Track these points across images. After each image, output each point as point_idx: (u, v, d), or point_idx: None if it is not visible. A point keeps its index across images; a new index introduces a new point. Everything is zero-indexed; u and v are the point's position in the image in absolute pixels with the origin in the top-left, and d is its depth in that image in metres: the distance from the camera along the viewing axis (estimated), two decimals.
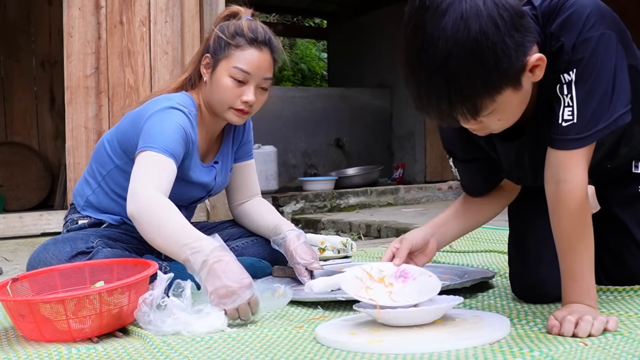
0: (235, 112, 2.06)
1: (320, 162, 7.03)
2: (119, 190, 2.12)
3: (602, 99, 1.37)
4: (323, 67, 11.40)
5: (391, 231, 3.83)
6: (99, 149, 2.19)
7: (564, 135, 1.39)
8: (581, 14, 1.37)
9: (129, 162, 2.01)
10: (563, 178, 1.41)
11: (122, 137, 2.09)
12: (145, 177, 1.82)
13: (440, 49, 1.25)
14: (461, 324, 1.46)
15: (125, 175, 2.04)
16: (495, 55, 1.26)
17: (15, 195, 5.86)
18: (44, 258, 1.88)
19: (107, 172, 2.14)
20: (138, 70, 3.78)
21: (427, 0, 1.27)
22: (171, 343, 1.42)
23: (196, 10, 3.93)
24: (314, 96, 7.16)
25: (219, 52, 2.05)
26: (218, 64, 2.05)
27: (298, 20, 11.06)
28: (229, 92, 2.03)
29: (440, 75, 1.27)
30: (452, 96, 1.29)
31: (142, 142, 1.92)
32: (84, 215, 2.17)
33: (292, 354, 1.35)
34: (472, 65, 1.26)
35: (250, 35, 2.04)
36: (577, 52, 1.37)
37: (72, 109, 3.67)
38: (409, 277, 1.55)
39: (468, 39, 1.25)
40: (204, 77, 2.09)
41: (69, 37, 3.66)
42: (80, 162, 3.67)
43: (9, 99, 5.99)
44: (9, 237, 3.65)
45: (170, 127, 1.93)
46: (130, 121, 2.08)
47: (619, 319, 1.44)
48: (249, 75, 2.03)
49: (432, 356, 1.27)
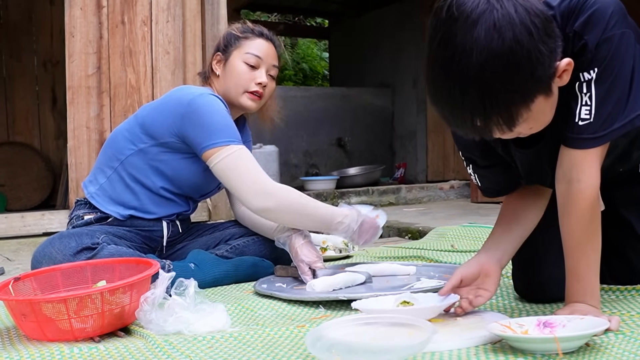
0: (249, 96, 2.21)
1: (322, 162, 7.03)
2: (137, 174, 2.15)
3: (620, 98, 1.36)
4: (324, 67, 11.40)
5: (393, 231, 3.83)
6: (115, 139, 2.22)
7: (579, 134, 1.38)
8: (604, 12, 1.36)
9: (155, 145, 2.12)
10: (576, 177, 1.40)
11: (148, 122, 2.13)
12: (252, 171, 2.01)
13: (474, 60, 1.21)
14: (462, 323, 1.46)
15: (145, 158, 2.13)
16: (530, 63, 1.23)
17: (17, 195, 5.86)
18: (49, 252, 1.88)
19: (126, 157, 2.16)
20: (140, 70, 3.78)
21: (455, 11, 1.23)
22: (173, 342, 1.42)
23: (198, 10, 3.93)
24: (316, 96, 7.16)
25: (230, 46, 2.24)
26: (230, 55, 2.23)
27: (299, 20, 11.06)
28: (244, 75, 2.20)
29: (476, 87, 1.23)
30: (488, 109, 1.25)
31: (207, 137, 2.02)
32: (90, 211, 2.16)
33: (293, 353, 1.35)
34: (508, 75, 1.22)
35: (257, 30, 2.26)
36: (600, 50, 1.35)
37: (74, 108, 3.67)
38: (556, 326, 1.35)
39: (503, 49, 1.21)
40: (217, 72, 2.26)
41: (70, 37, 3.66)
42: (82, 162, 3.67)
43: (11, 99, 5.99)
44: (11, 237, 3.65)
45: (224, 116, 2.07)
46: (156, 107, 2.16)
47: (621, 319, 1.44)
48: (261, 60, 2.22)
49: (433, 355, 1.27)
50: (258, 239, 2.31)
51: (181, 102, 2.08)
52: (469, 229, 3.09)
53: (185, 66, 3.85)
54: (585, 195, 1.40)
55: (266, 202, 1.99)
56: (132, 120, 2.21)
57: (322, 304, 1.82)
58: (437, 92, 1.29)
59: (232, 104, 2.23)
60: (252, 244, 2.30)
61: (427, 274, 2.10)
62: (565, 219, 1.44)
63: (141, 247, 2.16)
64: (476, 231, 3.03)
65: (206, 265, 2.14)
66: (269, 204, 1.99)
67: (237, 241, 2.30)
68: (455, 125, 1.32)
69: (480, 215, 4.02)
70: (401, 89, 7.31)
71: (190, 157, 2.12)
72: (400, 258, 2.62)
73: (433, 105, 1.32)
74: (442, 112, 1.31)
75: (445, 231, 3.15)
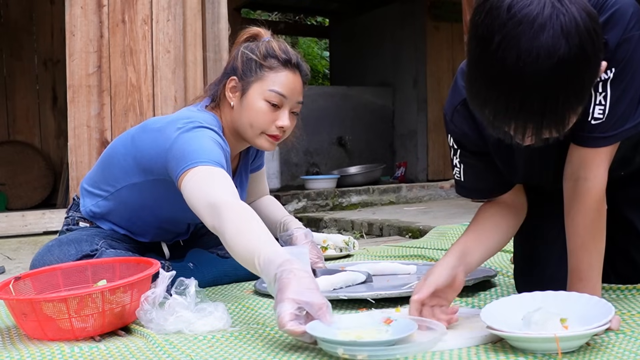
0: (267, 138, 1.95)
1: (322, 161, 7.03)
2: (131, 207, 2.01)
3: (633, 99, 1.37)
4: (325, 66, 11.39)
5: (393, 230, 3.83)
6: (112, 159, 2.01)
7: (591, 133, 1.38)
8: (625, 12, 1.36)
9: (148, 182, 1.91)
10: (583, 176, 1.40)
11: (140, 156, 1.90)
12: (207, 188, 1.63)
13: (541, 65, 1.17)
14: (464, 323, 1.46)
15: (140, 194, 1.95)
16: (590, 70, 1.23)
17: (17, 194, 5.86)
18: (48, 261, 1.87)
19: (120, 188, 1.99)
20: (140, 69, 3.78)
21: (518, 13, 1.18)
22: (174, 342, 1.42)
23: (198, 9, 3.92)
24: (316, 95, 7.15)
25: (249, 74, 1.93)
26: (249, 86, 1.93)
27: (300, 19, 11.06)
28: (264, 117, 1.91)
29: (540, 93, 1.20)
30: (547, 114, 1.22)
31: (181, 162, 1.71)
32: (85, 218, 2.14)
33: (294, 352, 1.34)
34: (571, 81, 1.20)
35: (283, 57, 1.95)
36: (620, 50, 1.35)
37: (75, 107, 3.67)
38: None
39: (570, 56, 1.18)
40: (231, 102, 1.96)
41: (71, 36, 3.66)
42: (82, 161, 3.67)
43: (12, 98, 5.99)
44: (12, 236, 3.66)
45: (207, 141, 1.77)
46: (151, 142, 1.87)
47: (622, 318, 1.44)
48: (285, 99, 1.93)
49: (434, 355, 1.27)
50: None
51: (169, 137, 1.79)
52: None
53: (185, 65, 3.85)
54: (592, 194, 1.40)
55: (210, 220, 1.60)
56: (129, 146, 1.95)
57: None
58: (489, 94, 1.23)
59: (244, 139, 2.00)
60: None
61: None
62: (570, 217, 1.44)
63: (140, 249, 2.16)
64: None
65: (205, 265, 2.14)
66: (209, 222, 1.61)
67: None
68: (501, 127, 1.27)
69: None
70: (402, 88, 7.31)
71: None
72: (401, 257, 2.62)
73: (477, 106, 1.28)
74: (487, 114, 1.26)
75: (445, 230, 3.15)
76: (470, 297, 1.80)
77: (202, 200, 1.61)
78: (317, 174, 6.63)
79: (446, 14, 6.94)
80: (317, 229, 4.52)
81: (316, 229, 4.47)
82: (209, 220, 1.59)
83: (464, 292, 1.83)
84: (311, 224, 4.67)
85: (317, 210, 5.22)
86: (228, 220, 1.52)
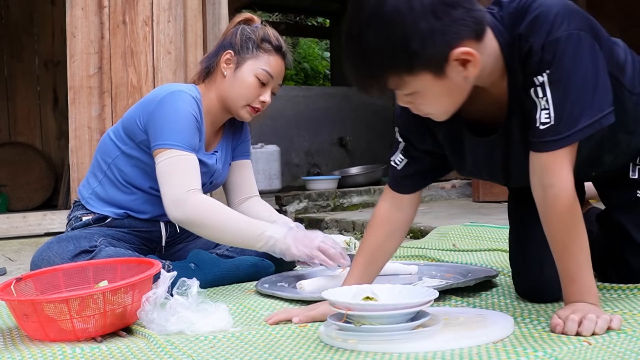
0: (248, 110, 2.17)
1: (324, 161, 7.03)
2: (124, 177, 2.14)
3: (580, 98, 1.35)
4: (326, 66, 11.39)
5: None
6: (104, 142, 2.22)
7: (543, 138, 1.37)
8: (548, 14, 1.36)
9: (134, 147, 2.10)
10: (548, 182, 1.39)
11: (126, 123, 2.14)
12: (178, 178, 1.94)
13: (360, 18, 1.33)
14: (465, 323, 1.46)
15: (130, 161, 2.12)
16: (403, 34, 1.29)
17: (18, 195, 5.87)
18: (48, 257, 1.88)
19: (112, 160, 2.15)
20: (141, 70, 3.78)
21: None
22: (175, 342, 1.42)
23: (199, 10, 3.93)
24: (317, 95, 7.16)
25: (246, 51, 2.16)
26: (244, 62, 2.15)
27: (301, 20, 11.06)
28: (252, 91, 2.14)
29: (358, 44, 1.34)
30: (364, 66, 1.35)
31: (159, 136, 2.00)
32: (88, 212, 2.16)
33: (295, 353, 1.34)
34: (382, 39, 1.30)
35: (276, 43, 2.20)
36: (547, 52, 1.35)
37: (75, 108, 3.68)
38: None
39: (383, 14, 1.29)
40: (224, 72, 2.17)
41: (72, 37, 3.66)
42: (83, 162, 3.67)
43: (12, 99, 6.00)
44: (13, 237, 3.66)
45: (184, 117, 2.02)
46: (135, 106, 2.15)
47: (623, 318, 1.44)
48: (271, 79, 2.17)
49: (435, 355, 1.27)
50: None
51: (153, 99, 2.08)
52: (470, 228, 3.09)
53: (186, 66, 3.85)
54: (561, 200, 1.39)
55: (178, 212, 1.93)
56: (118, 123, 2.21)
57: None
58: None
59: (228, 109, 2.21)
60: None
61: (429, 273, 2.10)
62: (547, 225, 1.44)
63: (140, 248, 2.16)
64: (478, 230, 3.02)
65: (206, 265, 2.14)
66: (179, 215, 1.93)
67: None
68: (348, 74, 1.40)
69: (482, 215, 4.02)
70: None
71: None
72: (402, 257, 2.61)
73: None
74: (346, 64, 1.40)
75: (447, 230, 3.15)
76: (471, 297, 1.80)
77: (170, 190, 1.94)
78: (318, 174, 6.63)
79: None
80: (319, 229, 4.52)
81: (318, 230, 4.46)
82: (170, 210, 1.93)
83: (465, 292, 1.83)
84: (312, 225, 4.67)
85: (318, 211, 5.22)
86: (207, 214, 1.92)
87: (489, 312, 1.58)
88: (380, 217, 1.71)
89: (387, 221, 1.70)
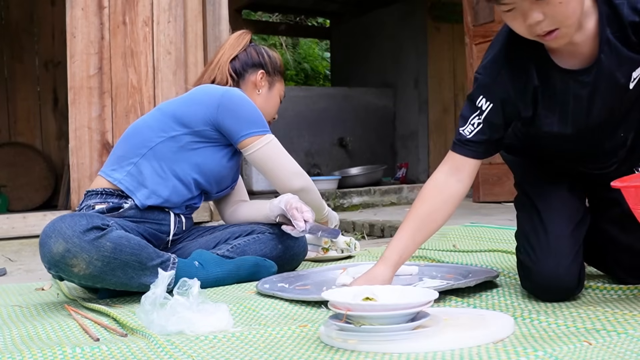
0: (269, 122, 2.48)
1: (324, 162, 7.03)
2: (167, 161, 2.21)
3: None
4: (326, 67, 11.40)
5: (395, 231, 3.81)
6: (138, 130, 2.28)
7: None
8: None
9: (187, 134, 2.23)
10: None
11: (179, 113, 2.25)
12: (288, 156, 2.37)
13: None
14: (465, 323, 1.46)
15: (177, 147, 2.22)
16: None
17: (18, 196, 5.87)
18: (60, 227, 1.87)
19: (156, 145, 2.22)
20: (141, 71, 3.78)
21: None
22: (175, 342, 1.42)
23: (199, 10, 3.93)
24: (317, 96, 7.16)
25: (274, 74, 2.52)
26: (274, 84, 2.52)
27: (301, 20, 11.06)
28: (276, 108, 2.55)
29: None
30: None
31: (247, 126, 2.26)
32: (101, 201, 2.16)
33: (296, 353, 1.34)
34: None
35: (283, 70, 2.58)
36: None
37: (76, 109, 3.68)
38: None
39: None
40: (258, 89, 2.48)
41: (72, 38, 3.66)
42: (83, 163, 3.67)
43: (13, 100, 6.01)
44: (13, 238, 3.66)
45: (257, 109, 2.34)
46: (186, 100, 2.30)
47: (623, 318, 1.44)
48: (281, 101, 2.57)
49: (435, 355, 1.27)
50: (258, 238, 2.32)
51: (214, 94, 2.27)
52: (470, 229, 3.09)
53: (186, 66, 3.85)
54: None
55: (303, 182, 2.36)
56: (157, 114, 2.30)
57: (324, 304, 1.82)
58: None
59: None
60: (253, 242, 2.30)
61: (430, 274, 2.10)
62: None
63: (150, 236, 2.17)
64: (478, 231, 3.03)
65: (209, 265, 2.14)
66: (305, 183, 2.36)
67: (237, 241, 2.31)
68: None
69: (482, 215, 4.02)
70: (403, 88, 7.32)
71: (218, 146, 2.28)
72: None
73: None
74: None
75: (447, 231, 3.15)
76: (472, 297, 1.80)
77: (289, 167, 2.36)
78: (318, 175, 6.63)
79: (447, 14, 6.94)
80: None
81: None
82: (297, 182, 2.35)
83: (466, 293, 1.83)
84: None
85: None
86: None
87: (489, 312, 1.58)
88: (436, 184, 1.71)
89: (443, 189, 1.70)
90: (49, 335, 1.61)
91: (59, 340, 1.55)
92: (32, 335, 1.61)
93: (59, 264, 1.84)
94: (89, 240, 1.83)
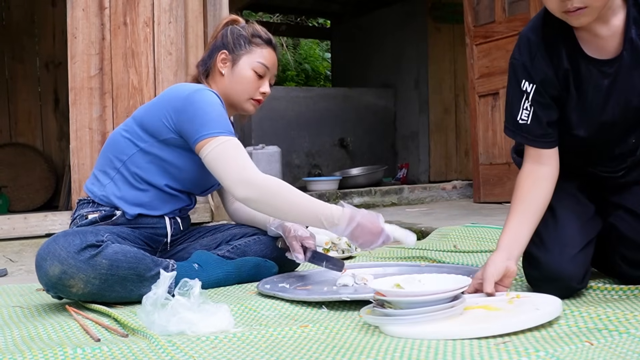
0: (252, 102, 2.27)
1: (324, 162, 7.03)
2: (141, 173, 2.14)
3: None
4: (327, 67, 11.40)
5: None
6: (114, 140, 2.21)
7: None
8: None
9: (155, 145, 2.13)
10: None
11: (146, 121, 2.14)
12: (236, 161, 1.99)
13: None
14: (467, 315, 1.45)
15: (147, 158, 2.14)
16: None
17: (19, 196, 5.87)
18: (53, 249, 1.87)
19: (129, 157, 2.15)
20: (142, 71, 3.78)
21: None
22: (176, 342, 1.42)
23: (200, 11, 3.93)
24: (318, 96, 7.16)
25: (239, 48, 2.26)
26: (239, 58, 2.25)
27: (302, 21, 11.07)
28: (252, 84, 2.25)
29: None
30: None
31: (201, 128, 2.02)
32: (94, 210, 2.16)
33: (297, 353, 1.34)
34: None
35: (266, 37, 2.30)
36: None
37: (76, 109, 3.68)
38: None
39: None
40: (222, 71, 2.25)
41: (72, 38, 3.66)
42: (84, 163, 3.67)
43: (13, 100, 6.01)
44: (14, 238, 3.66)
45: (219, 108, 2.08)
46: (153, 105, 2.17)
47: (625, 318, 1.44)
48: (267, 70, 2.26)
49: (437, 353, 1.27)
50: (259, 239, 2.31)
51: (177, 97, 2.10)
52: (471, 229, 3.09)
53: (187, 67, 3.85)
54: None
55: (249, 192, 1.94)
56: (130, 122, 2.21)
57: (325, 304, 1.82)
58: None
59: (233, 105, 2.27)
60: (254, 243, 2.30)
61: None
62: None
63: (143, 248, 2.16)
64: (479, 231, 3.02)
65: (209, 266, 2.14)
66: (252, 194, 1.94)
67: (238, 241, 2.30)
68: None
69: (483, 216, 4.02)
70: (403, 89, 7.32)
71: (189, 152, 2.12)
72: (403, 258, 2.62)
73: None
74: None
75: (448, 231, 3.15)
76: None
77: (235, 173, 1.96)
78: (319, 175, 6.63)
79: (447, 15, 6.94)
80: None
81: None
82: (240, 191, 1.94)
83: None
84: None
85: None
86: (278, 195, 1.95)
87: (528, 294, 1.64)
88: (525, 172, 1.78)
89: (533, 173, 1.76)
90: (49, 335, 1.61)
91: (59, 340, 1.55)
92: (33, 335, 1.61)
93: (56, 285, 1.84)
94: (84, 259, 1.83)
